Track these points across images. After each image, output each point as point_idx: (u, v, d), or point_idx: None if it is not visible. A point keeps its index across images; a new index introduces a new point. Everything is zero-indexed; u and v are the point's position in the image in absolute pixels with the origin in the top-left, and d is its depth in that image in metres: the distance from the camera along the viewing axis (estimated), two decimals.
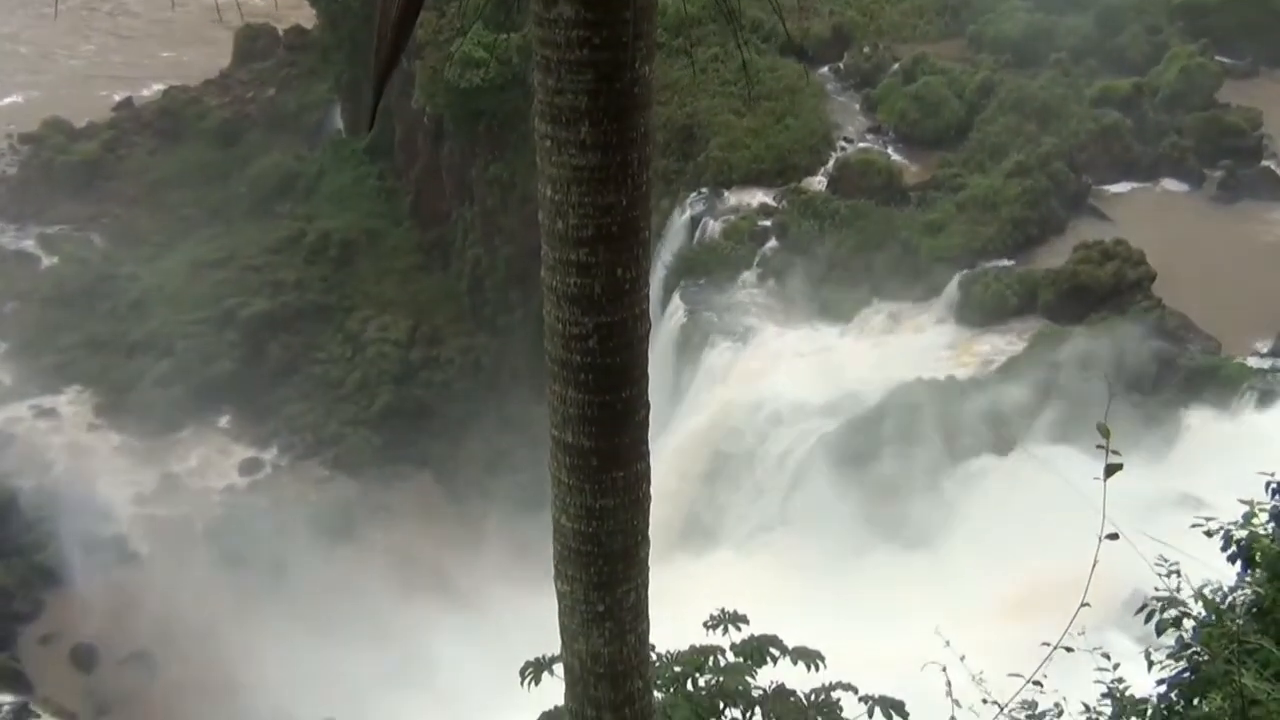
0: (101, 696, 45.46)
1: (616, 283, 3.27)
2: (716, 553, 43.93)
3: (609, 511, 3.44)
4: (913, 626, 21.74)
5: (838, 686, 9.73)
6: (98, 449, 57.85)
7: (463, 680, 41.49)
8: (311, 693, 41.93)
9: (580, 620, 3.61)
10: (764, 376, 50.92)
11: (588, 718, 3.72)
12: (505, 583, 50.94)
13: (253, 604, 46.24)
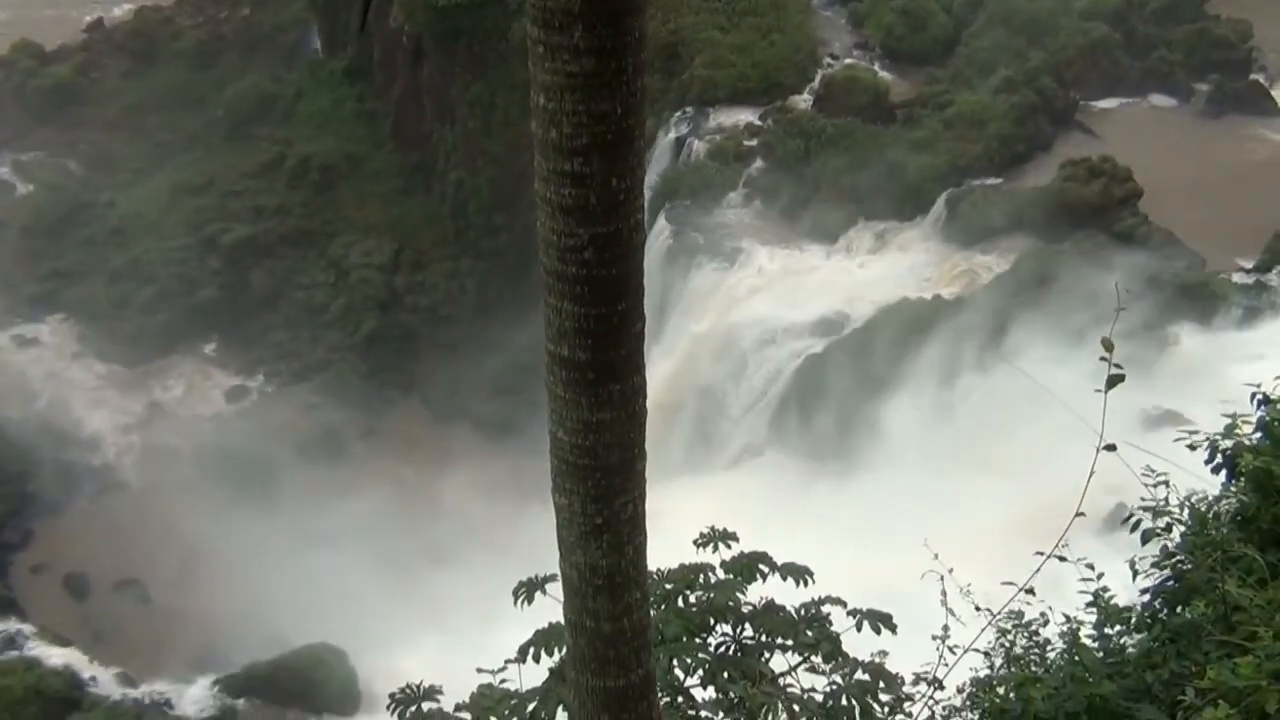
0: (96, 623, 45.81)
1: (611, 193, 3.21)
2: (704, 474, 44.29)
3: (606, 425, 3.43)
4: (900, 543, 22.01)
5: (826, 601, 9.84)
6: (82, 378, 57.66)
7: (454, 599, 41.99)
8: (304, 615, 42.44)
9: (578, 533, 3.62)
10: (751, 297, 50.91)
11: (586, 628, 3.76)
12: (494, 503, 51.33)
13: (243, 529, 46.46)
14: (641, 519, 3.73)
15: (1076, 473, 5.81)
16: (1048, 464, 30.77)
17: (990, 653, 7.29)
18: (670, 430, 45.27)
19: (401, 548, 46.75)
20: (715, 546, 11.09)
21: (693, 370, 47.87)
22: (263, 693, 41.76)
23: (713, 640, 9.26)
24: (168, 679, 42.00)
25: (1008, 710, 7.03)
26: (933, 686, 5.24)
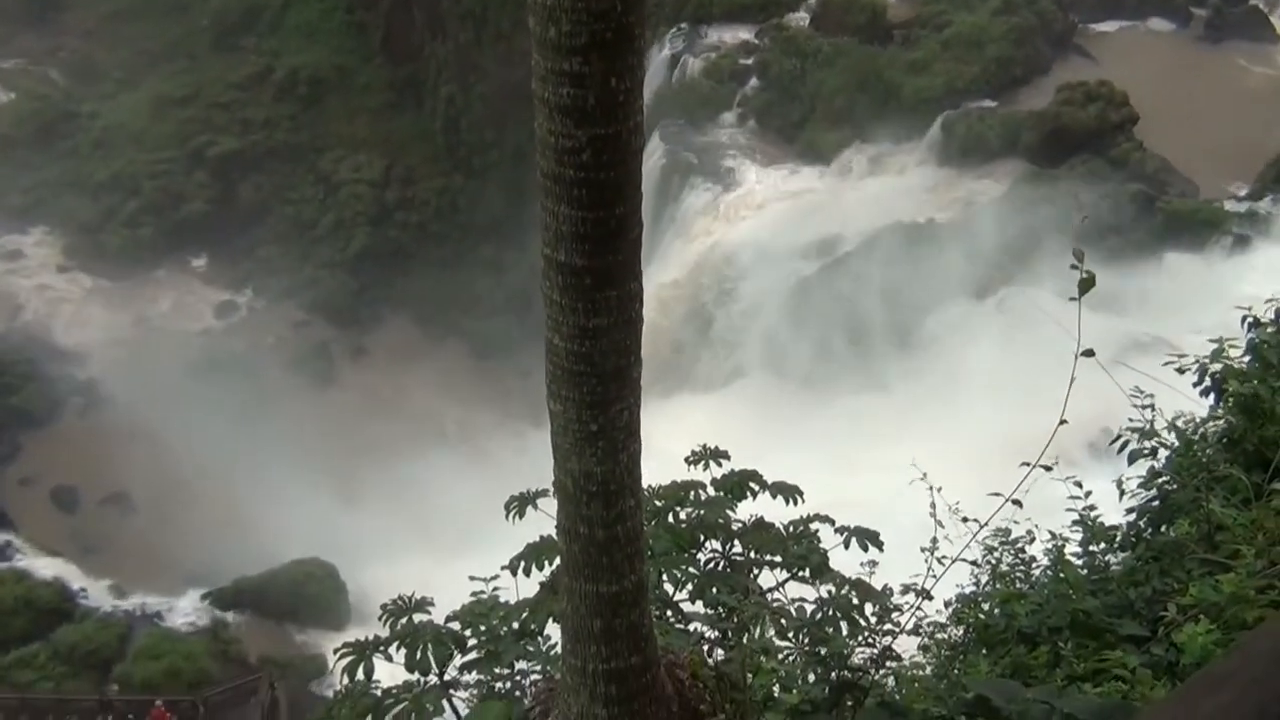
0: (85, 536, 46.08)
1: (610, 94, 3.14)
2: (693, 394, 44.41)
3: (602, 331, 3.40)
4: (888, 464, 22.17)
5: (815, 519, 9.93)
6: (69, 291, 57.34)
7: (444, 515, 42.33)
8: (293, 530, 42.74)
9: (573, 439, 3.61)
10: (744, 218, 50.66)
11: (580, 535, 3.77)
12: (484, 422, 51.55)
13: (232, 445, 46.59)
14: (636, 426, 3.72)
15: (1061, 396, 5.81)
16: (1037, 387, 30.94)
17: (978, 565, 7.38)
18: (660, 350, 45.28)
19: (391, 465, 46.97)
20: (706, 464, 11.17)
21: (684, 291, 47.79)
22: (253, 606, 42.17)
23: (702, 556, 9.36)
24: (157, 592, 42.34)
25: (991, 625, 7.12)
26: (921, 597, 5.29)
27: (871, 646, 4.90)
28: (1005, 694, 4.32)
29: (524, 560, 9.81)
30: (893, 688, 5.40)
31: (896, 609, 5.20)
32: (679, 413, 36.25)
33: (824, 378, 42.49)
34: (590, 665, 3.94)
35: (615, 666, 3.93)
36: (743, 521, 10.20)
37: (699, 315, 47.82)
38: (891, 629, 5.02)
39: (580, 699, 4.02)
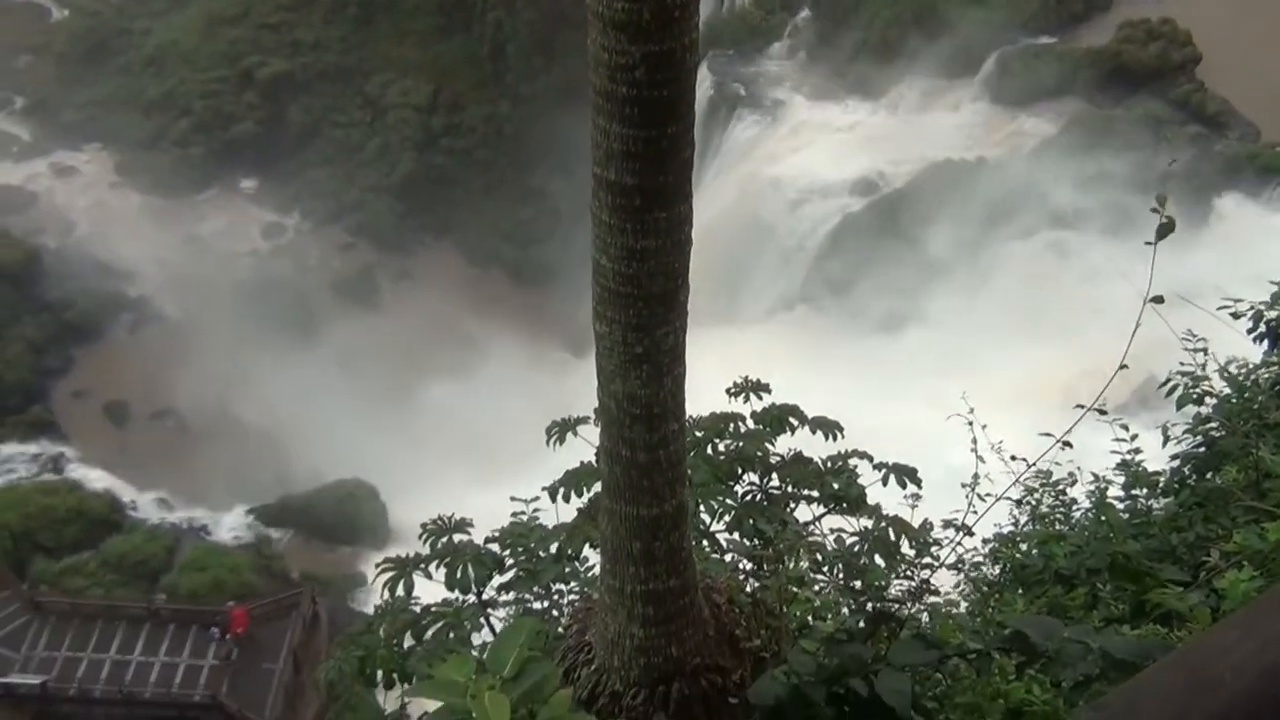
0: (135, 450, 46.94)
1: (665, 9, 3.07)
2: (735, 325, 44.29)
3: (650, 253, 3.36)
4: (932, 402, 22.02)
5: (854, 454, 9.89)
6: (120, 209, 57.86)
7: (484, 440, 42.74)
8: (336, 451, 43.37)
9: (618, 362, 3.58)
10: (791, 152, 50.05)
11: (622, 457, 3.76)
12: (524, 350, 51.77)
13: (278, 365, 47.13)
14: (682, 350, 3.69)
15: (1112, 341, 5.71)
16: (1085, 331, 30.58)
17: (1021, 503, 7.33)
18: (703, 281, 45.03)
19: (432, 388, 47.39)
20: (747, 397, 11.14)
21: (729, 223, 47.43)
22: (296, 523, 43.01)
23: (740, 489, 9.37)
24: (204, 506, 43.26)
25: (1029, 565, 7.09)
26: (962, 533, 5.25)
27: (910, 579, 4.89)
28: (1042, 630, 4.31)
29: (563, 486, 9.87)
30: (928, 623, 5.41)
31: (936, 543, 5.19)
32: (719, 346, 36.17)
33: (867, 314, 42.21)
34: (628, 586, 3.96)
35: (653, 588, 3.95)
36: (781, 455, 10.19)
37: (742, 248, 47.51)
38: (930, 563, 5.01)
39: (618, 619, 4.05)
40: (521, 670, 3.65)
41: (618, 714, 4.08)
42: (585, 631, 4.37)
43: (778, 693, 3.91)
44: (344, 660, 9.60)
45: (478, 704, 3.47)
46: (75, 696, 31.59)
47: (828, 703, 3.95)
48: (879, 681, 3.92)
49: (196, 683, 32.08)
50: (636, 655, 4.07)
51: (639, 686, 4.09)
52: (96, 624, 33.62)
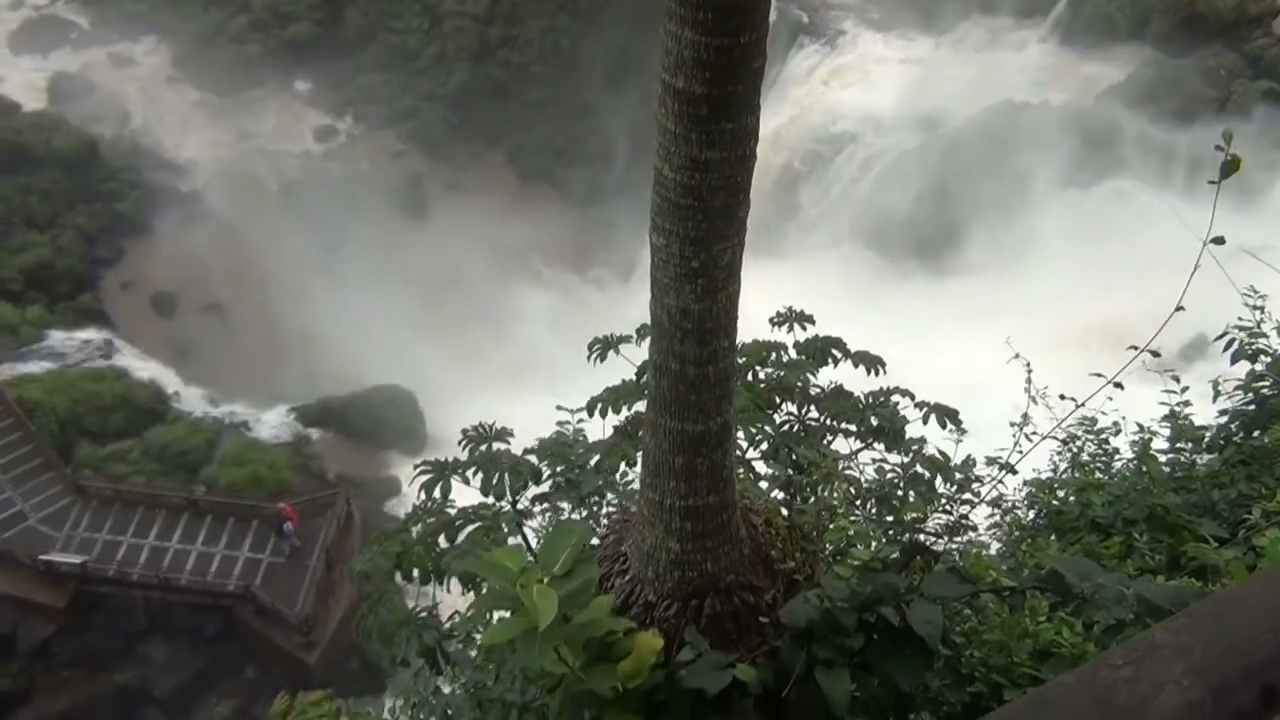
0: (180, 343, 47.61)
1: None
2: (780, 259, 44.02)
3: (714, 164, 3.32)
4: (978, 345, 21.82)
5: (895, 391, 9.85)
6: (175, 103, 58.01)
7: (522, 355, 43.01)
8: (377, 356, 43.77)
9: (673, 275, 3.56)
10: (850, 84, 49.23)
11: (670, 371, 3.75)
12: (567, 269, 51.81)
13: (323, 267, 47.47)
14: (738, 268, 3.66)
15: (1166, 293, 5.59)
16: (1139, 282, 30.06)
17: (1066, 444, 7.28)
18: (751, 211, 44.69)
19: (474, 301, 47.59)
20: (790, 327, 11.09)
21: (781, 154, 46.89)
22: (335, 425, 43.56)
23: (778, 418, 9.37)
24: (246, 403, 43.85)
25: (1065, 511, 7.06)
26: (1004, 470, 5.23)
27: (948, 514, 4.89)
28: (1079, 571, 4.29)
29: (602, 402, 9.91)
30: (959, 560, 5.42)
31: (978, 480, 5.17)
32: (762, 277, 35.85)
33: (916, 254, 41.77)
34: (668, 500, 3.99)
35: (693, 504, 3.97)
36: (821, 387, 10.17)
37: (794, 179, 47.06)
38: (969, 499, 5.00)
39: (655, 531, 4.08)
40: (572, 570, 3.71)
41: (649, 624, 4.13)
42: (621, 542, 4.41)
43: (809, 615, 3.94)
44: (379, 554, 9.78)
45: (527, 594, 3.55)
46: (114, 577, 32.52)
47: (858, 629, 3.97)
48: (911, 611, 3.93)
49: (231, 573, 32.91)
50: (671, 568, 4.11)
51: (672, 599, 4.14)
52: (137, 510, 34.46)
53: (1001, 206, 40.66)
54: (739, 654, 4.01)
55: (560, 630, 3.73)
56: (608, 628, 3.86)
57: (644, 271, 3.71)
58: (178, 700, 32.76)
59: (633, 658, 3.90)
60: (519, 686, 4.45)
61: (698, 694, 3.86)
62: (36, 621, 32.50)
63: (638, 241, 50.59)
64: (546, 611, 3.50)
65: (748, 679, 3.84)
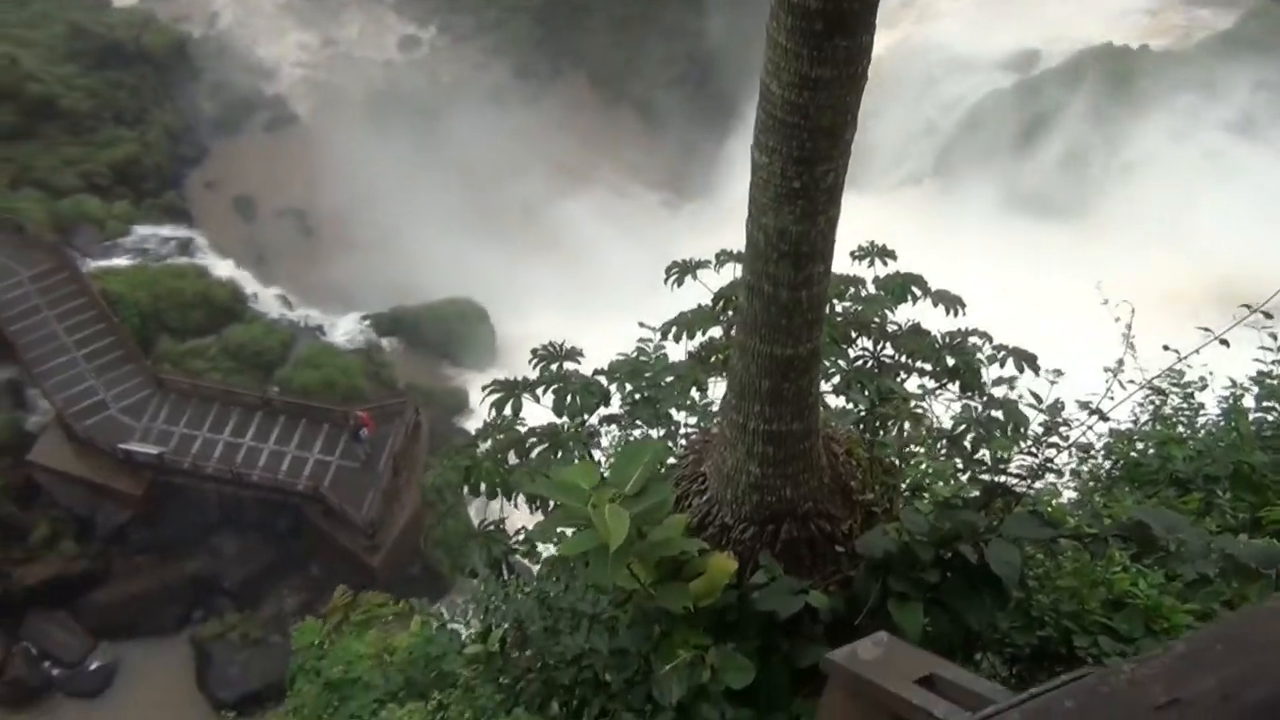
0: (260, 245, 48.27)
1: None
2: (859, 194, 43.25)
3: (824, 83, 3.23)
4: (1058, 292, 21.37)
5: (974, 333, 9.70)
6: (263, 5, 58.15)
7: (597, 272, 42.98)
8: (451, 269, 44.05)
9: (773, 194, 3.49)
10: (941, 18, 47.91)
11: (764, 293, 3.71)
12: (644, 188, 51.51)
13: (402, 177, 47.65)
14: (839, 191, 3.59)
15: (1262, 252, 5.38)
16: (1232, 241, 29.16)
17: (1163, 393, 7.14)
18: None
19: (550, 219, 47.58)
20: (871, 261, 10.93)
21: (869, 83, 45.87)
22: (406, 334, 44.06)
23: (852, 353, 9.27)
24: (321, 307, 44.44)
25: (1144, 464, 6.94)
26: (1093, 416, 5.13)
27: (1033, 456, 4.81)
28: (1164, 523, 4.22)
29: (677, 327, 9.88)
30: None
31: (1065, 424, 5.07)
32: (843, 209, 35.43)
33: (1001, 197, 40.81)
34: (751, 424, 3.97)
35: (776, 429, 3.95)
36: (899, 324, 10.04)
37: (877, 113, 46.04)
38: (1056, 443, 4.91)
39: (736, 454, 4.07)
40: (644, 489, 3.72)
41: (724, 546, 4.14)
42: (700, 463, 4.41)
43: (887, 547, 3.92)
44: (450, 468, 9.91)
45: (598, 514, 3.55)
46: (188, 470, 33.48)
47: (933, 564, 3.95)
48: (989, 551, 3.90)
49: (301, 473, 33.69)
50: (750, 492, 4.10)
51: (749, 522, 4.14)
52: (213, 406, 35.30)
53: (1097, 152, 39.49)
54: (812, 581, 4.02)
55: (633, 548, 3.75)
56: (681, 547, 3.88)
57: (722, 196, 3.65)
58: (246, 591, 33.85)
59: (705, 578, 3.92)
60: (590, 598, 4.50)
61: (769, 617, 3.87)
62: (114, 507, 33.64)
63: (718, 166, 50.09)
64: (618, 532, 3.51)
65: (820, 606, 3.84)
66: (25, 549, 33.05)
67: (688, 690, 3.64)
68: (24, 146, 45.65)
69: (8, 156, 44.86)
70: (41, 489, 33.79)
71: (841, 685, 2.87)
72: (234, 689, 31.03)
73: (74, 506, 33.59)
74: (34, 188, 43.75)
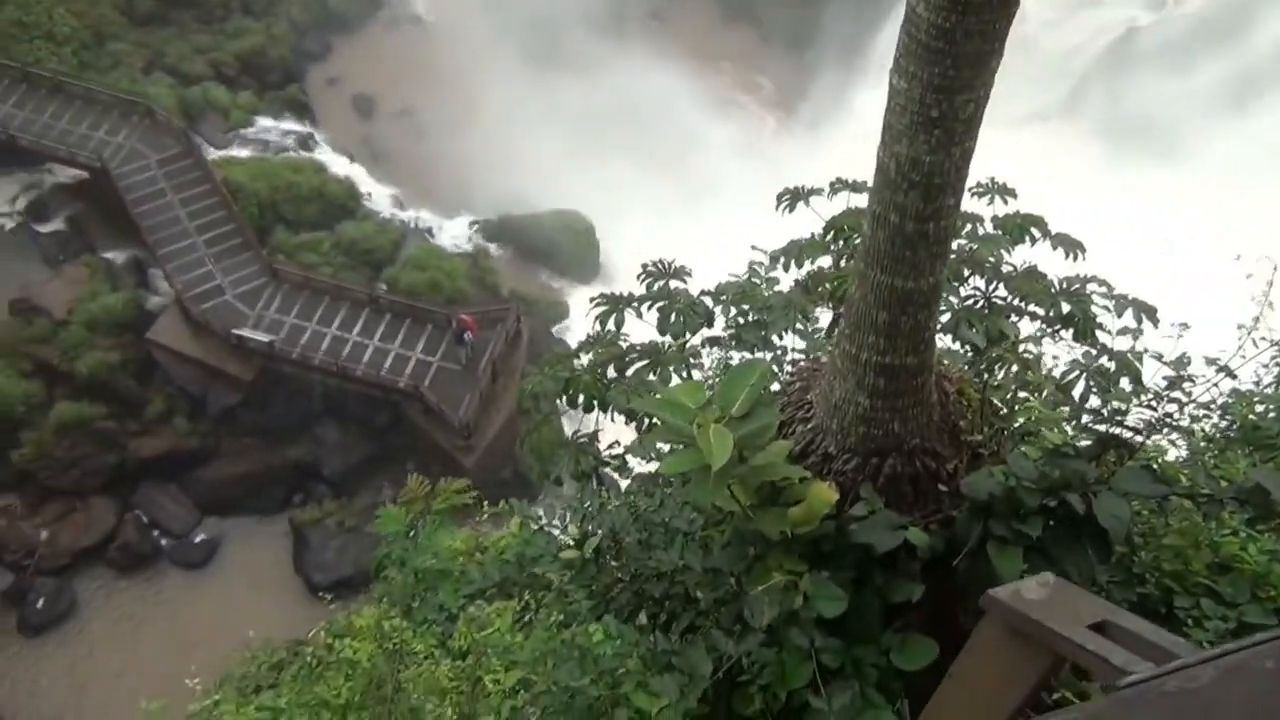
0: (376, 144, 48.76)
1: None
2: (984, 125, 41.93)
3: (974, 6, 3.10)
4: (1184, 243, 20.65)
5: (1092, 279, 9.41)
6: None
7: (708, 193, 42.65)
8: (561, 181, 44.10)
9: (909, 122, 3.38)
10: None
11: (889, 223, 3.62)
12: (763, 111, 50.66)
13: (518, 85, 47.55)
14: (977, 123, 3.46)
15: None
16: None
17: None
18: None
19: (662, 136, 47.13)
20: (991, 199, 10.62)
21: None
22: (513, 242, 44.39)
23: (963, 291, 9.07)
24: (431, 209, 44.94)
25: (1262, 428, 6.70)
26: (1220, 372, 4.95)
27: (1152, 410, 4.67)
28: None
29: (784, 254, 9.77)
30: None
31: (1189, 379, 4.91)
32: None
33: (1132, 141, 39.22)
34: (864, 355, 3.91)
35: (889, 362, 3.88)
36: (1014, 266, 9.78)
37: (1012, 43, 44.42)
38: (1178, 398, 4.76)
39: (845, 384, 4.03)
40: (749, 412, 3.70)
41: (825, 475, 4.12)
42: (808, 390, 4.37)
43: (991, 490, 3.86)
44: (549, 378, 10.02)
45: (702, 434, 3.55)
46: (296, 359, 34.48)
47: (1038, 511, 3.88)
48: (1098, 503, 3.81)
49: (402, 371, 34.45)
50: (857, 423, 4.06)
51: (853, 454, 4.11)
52: (323, 300, 36.18)
53: (1237, 102, 37.62)
54: (912, 518, 3.98)
55: (734, 470, 3.74)
56: (783, 473, 3.86)
57: (839, 123, 3.53)
58: (344, 480, 34.96)
59: (804, 505, 3.91)
60: (685, 516, 4.54)
61: (865, 550, 3.86)
62: (225, 390, 34.87)
63: (836, 91, 49.01)
64: (721, 452, 3.50)
65: (919, 543, 3.81)
66: (141, 423, 34.57)
67: (779, 614, 3.66)
68: (159, 32, 46.68)
69: (143, 41, 45.92)
70: (159, 366, 35.16)
71: (1001, 622, 2.83)
72: (328, 573, 32.25)
73: (188, 385, 34.90)
74: (165, 73, 44.76)
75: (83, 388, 34.11)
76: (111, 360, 34.47)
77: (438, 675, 6.59)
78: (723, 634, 3.79)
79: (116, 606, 32.39)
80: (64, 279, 36.88)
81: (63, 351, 34.36)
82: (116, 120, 40.49)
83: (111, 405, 34.29)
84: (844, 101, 47.74)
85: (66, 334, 34.70)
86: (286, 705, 6.99)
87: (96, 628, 31.83)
